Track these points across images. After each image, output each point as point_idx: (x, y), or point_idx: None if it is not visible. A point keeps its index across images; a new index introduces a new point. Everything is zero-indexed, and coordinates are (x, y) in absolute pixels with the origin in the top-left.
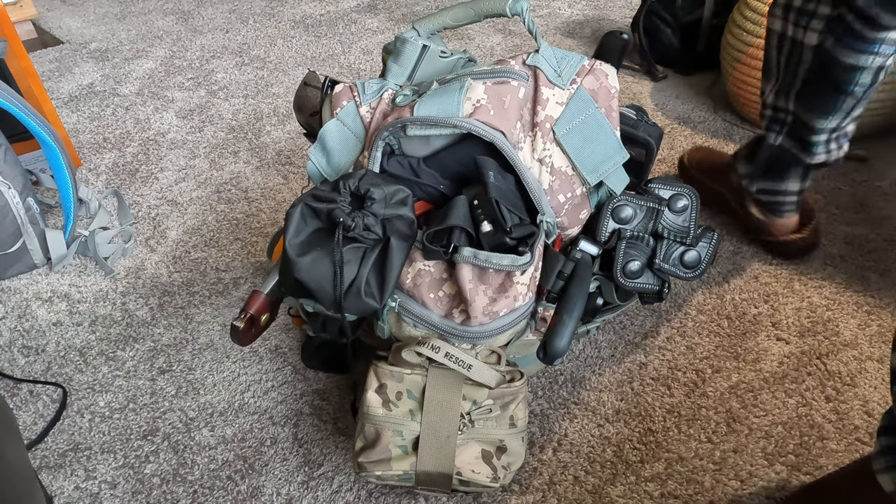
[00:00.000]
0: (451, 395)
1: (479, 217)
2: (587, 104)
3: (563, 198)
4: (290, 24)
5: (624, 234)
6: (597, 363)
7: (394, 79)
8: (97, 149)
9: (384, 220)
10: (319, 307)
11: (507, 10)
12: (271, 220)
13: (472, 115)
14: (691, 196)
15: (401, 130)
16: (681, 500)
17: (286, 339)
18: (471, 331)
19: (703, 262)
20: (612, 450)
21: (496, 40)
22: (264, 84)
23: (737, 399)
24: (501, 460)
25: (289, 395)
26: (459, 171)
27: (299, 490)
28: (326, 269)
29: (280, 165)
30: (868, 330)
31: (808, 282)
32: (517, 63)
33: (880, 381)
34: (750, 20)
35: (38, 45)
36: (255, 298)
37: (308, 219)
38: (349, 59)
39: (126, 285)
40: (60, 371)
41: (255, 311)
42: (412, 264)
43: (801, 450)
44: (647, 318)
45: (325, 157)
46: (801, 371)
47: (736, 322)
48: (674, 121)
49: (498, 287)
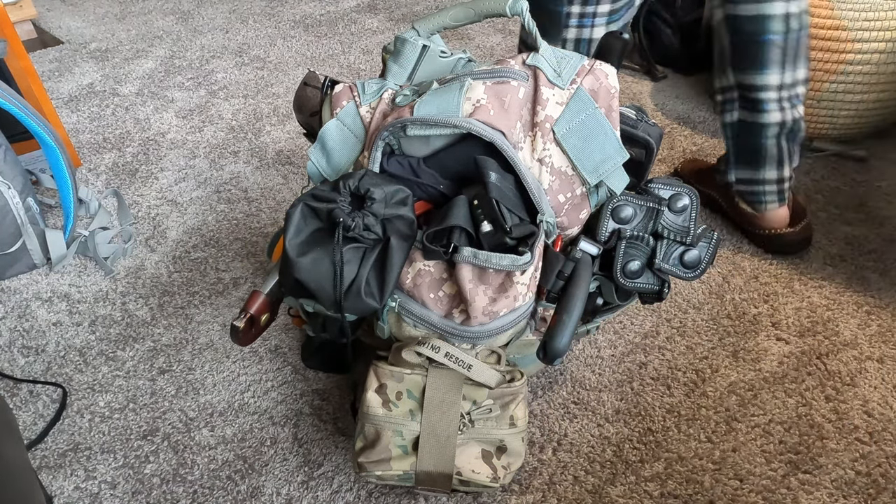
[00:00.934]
0: (451, 395)
1: (479, 217)
2: (587, 104)
3: (562, 198)
4: (290, 24)
5: (624, 233)
6: (597, 363)
7: (394, 79)
8: (97, 149)
9: (384, 220)
10: (319, 307)
11: (506, 10)
12: (271, 220)
13: (471, 114)
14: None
15: (401, 130)
16: (680, 500)
17: (286, 339)
18: (471, 331)
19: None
20: (611, 450)
21: (496, 40)
22: (264, 84)
23: (736, 399)
24: (501, 460)
25: (289, 395)
26: (459, 171)
27: (299, 490)
28: (326, 269)
29: (280, 165)
30: (868, 330)
31: (808, 282)
32: (517, 63)
33: (880, 381)
34: None
35: (38, 45)
36: (255, 298)
37: (308, 219)
38: (349, 59)
39: (126, 285)
40: (60, 371)
41: (255, 311)
42: (412, 264)
43: (800, 449)
44: (647, 318)
45: (325, 157)
46: (801, 371)
47: (736, 322)
48: (674, 121)
49: (498, 287)
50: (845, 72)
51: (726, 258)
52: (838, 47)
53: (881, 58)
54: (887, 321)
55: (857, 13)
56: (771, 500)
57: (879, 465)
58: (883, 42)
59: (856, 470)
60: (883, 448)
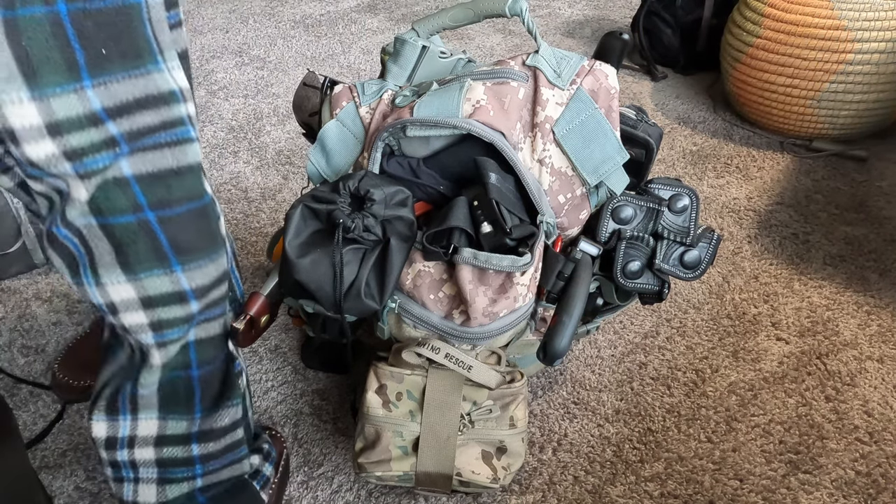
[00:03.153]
0: (451, 396)
1: (478, 218)
2: (587, 105)
3: (562, 198)
4: (290, 24)
5: (624, 234)
6: (597, 363)
7: (393, 80)
8: None
9: (384, 221)
10: (319, 308)
11: (506, 11)
12: (271, 220)
13: (471, 115)
14: (691, 196)
15: (400, 131)
16: (680, 500)
17: (286, 339)
18: (471, 332)
19: (704, 263)
20: (611, 450)
21: (496, 40)
22: (264, 84)
23: (736, 399)
24: (501, 461)
25: (289, 395)
26: (459, 172)
27: (299, 490)
28: (326, 270)
29: (280, 165)
30: (868, 330)
31: (808, 282)
32: (517, 64)
33: (880, 381)
34: (750, 20)
35: None
36: (255, 300)
37: (308, 220)
38: (349, 59)
39: None
40: None
41: (254, 312)
42: (412, 265)
43: (800, 449)
44: (647, 318)
45: (325, 157)
46: (801, 371)
47: (736, 322)
48: (674, 121)
49: (498, 288)
50: (845, 72)
51: (726, 258)
52: (838, 47)
53: (881, 58)
54: (887, 321)
55: (857, 13)
56: (771, 500)
57: (879, 465)
58: (883, 42)
59: (856, 470)
60: (883, 448)
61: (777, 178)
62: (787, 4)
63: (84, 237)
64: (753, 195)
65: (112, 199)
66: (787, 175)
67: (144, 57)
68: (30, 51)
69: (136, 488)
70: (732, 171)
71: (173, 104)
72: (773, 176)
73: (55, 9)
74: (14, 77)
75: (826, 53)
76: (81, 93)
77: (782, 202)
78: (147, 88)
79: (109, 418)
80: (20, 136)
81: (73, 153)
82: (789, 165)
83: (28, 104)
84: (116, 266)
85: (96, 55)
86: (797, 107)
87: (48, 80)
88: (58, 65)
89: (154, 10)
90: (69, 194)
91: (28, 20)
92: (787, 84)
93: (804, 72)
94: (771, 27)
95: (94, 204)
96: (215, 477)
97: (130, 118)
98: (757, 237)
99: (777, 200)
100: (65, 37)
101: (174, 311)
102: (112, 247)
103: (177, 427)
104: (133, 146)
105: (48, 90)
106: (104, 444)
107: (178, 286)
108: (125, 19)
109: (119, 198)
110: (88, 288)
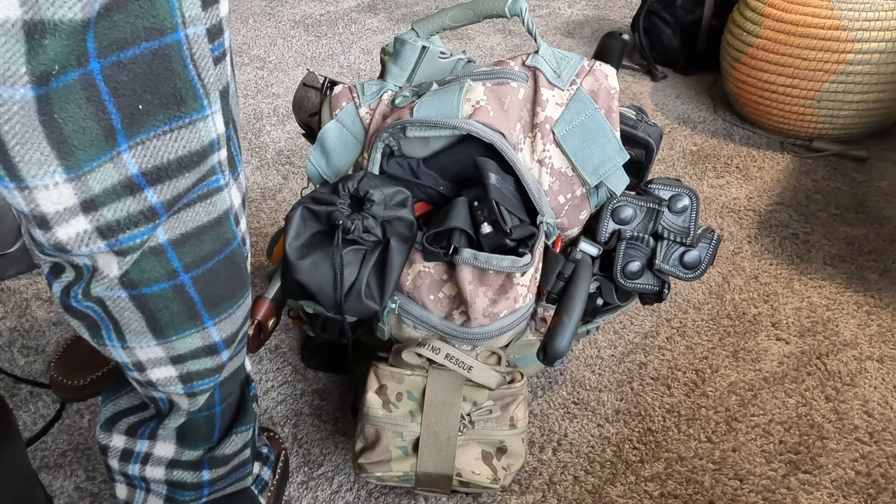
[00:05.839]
0: (452, 397)
1: (479, 218)
2: (587, 105)
3: (562, 199)
4: (290, 24)
5: (624, 234)
6: (597, 363)
7: (393, 80)
8: None
9: (384, 221)
10: (320, 309)
11: (506, 11)
12: (271, 220)
13: (471, 116)
14: (691, 196)
15: (400, 132)
16: (680, 500)
17: (286, 339)
18: (471, 332)
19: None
20: (611, 450)
21: (496, 40)
22: (264, 84)
23: (736, 399)
24: (501, 461)
25: (289, 395)
26: (459, 173)
27: (299, 490)
28: (327, 271)
29: (280, 165)
30: (868, 330)
31: (808, 282)
32: (516, 64)
33: (880, 381)
34: (750, 20)
35: None
36: (262, 304)
37: (308, 221)
38: (349, 60)
39: None
40: None
41: (262, 316)
42: (412, 266)
43: (800, 449)
44: (647, 318)
45: (325, 158)
46: (801, 371)
47: (736, 322)
48: (674, 121)
49: (498, 288)
50: (845, 72)
51: (726, 258)
52: (838, 47)
53: (881, 58)
54: (887, 321)
55: (857, 13)
56: (771, 500)
57: (879, 465)
58: (883, 42)
59: (856, 470)
60: (883, 448)
61: (777, 178)
62: (787, 4)
63: (107, 308)
64: (753, 195)
65: (147, 270)
66: (787, 175)
67: (189, 104)
68: (63, 126)
69: (146, 497)
70: (732, 171)
71: (209, 156)
72: (773, 176)
73: (88, 69)
74: (48, 160)
75: (826, 53)
76: (118, 159)
77: (782, 202)
78: (190, 144)
79: (128, 438)
80: (52, 220)
81: (108, 229)
82: (789, 165)
83: (64, 186)
84: (147, 332)
85: (133, 112)
86: (797, 107)
87: (84, 154)
88: (94, 135)
89: (196, 45)
90: (96, 270)
91: (61, 91)
92: (787, 84)
93: (804, 72)
94: (771, 27)
95: (125, 278)
96: (219, 493)
97: (171, 183)
98: (757, 237)
99: (777, 200)
100: (99, 100)
101: (205, 363)
102: (143, 315)
103: (191, 455)
104: (171, 212)
105: (85, 166)
106: (119, 455)
107: (208, 340)
108: (163, 63)
109: (154, 267)
110: (112, 350)
